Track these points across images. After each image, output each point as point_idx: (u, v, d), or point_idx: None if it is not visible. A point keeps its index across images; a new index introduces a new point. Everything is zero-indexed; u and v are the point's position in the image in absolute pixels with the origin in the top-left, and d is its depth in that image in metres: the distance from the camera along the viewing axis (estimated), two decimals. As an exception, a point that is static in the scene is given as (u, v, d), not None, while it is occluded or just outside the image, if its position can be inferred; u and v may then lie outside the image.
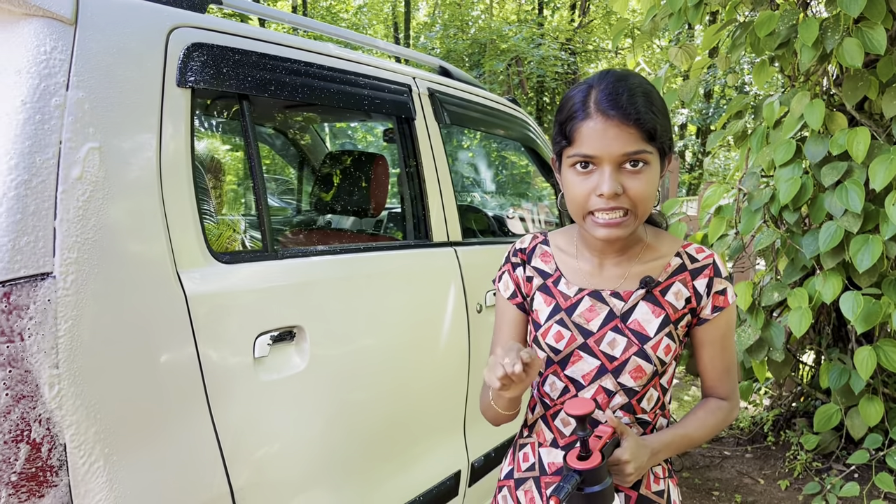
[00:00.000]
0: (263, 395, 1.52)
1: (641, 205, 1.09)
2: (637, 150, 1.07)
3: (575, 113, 1.10)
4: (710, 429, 1.21)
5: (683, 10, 3.21)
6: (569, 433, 1.22)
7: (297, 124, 3.12)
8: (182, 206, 1.40)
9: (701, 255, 1.20)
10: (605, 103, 1.07)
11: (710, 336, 1.21)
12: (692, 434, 1.20)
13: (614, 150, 1.06)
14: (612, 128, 1.06)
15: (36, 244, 1.16)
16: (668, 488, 1.24)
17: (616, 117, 1.06)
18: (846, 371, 3.11)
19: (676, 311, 1.18)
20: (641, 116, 1.06)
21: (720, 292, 1.18)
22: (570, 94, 1.13)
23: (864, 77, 2.96)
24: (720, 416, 1.23)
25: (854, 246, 2.75)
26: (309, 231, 2.76)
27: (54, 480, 1.17)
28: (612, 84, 1.09)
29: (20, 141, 1.16)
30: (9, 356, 1.12)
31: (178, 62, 1.44)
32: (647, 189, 1.09)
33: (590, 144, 1.07)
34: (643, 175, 1.08)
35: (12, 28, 1.23)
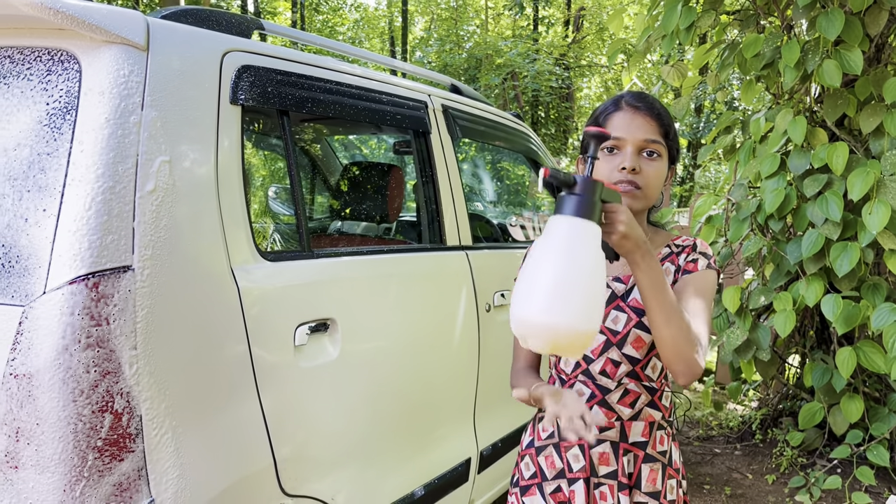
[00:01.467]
0: (302, 380, 1.70)
1: (652, 185, 1.33)
2: (655, 139, 1.33)
3: (608, 108, 1.39)
4: (680, 318, 1.20)
5: (675, 31, 3.42)
6: (585, 401, 1.40)
7: (325, 138, 3.32)
8: (234, 210, 1.59)
9: (685, 241, 1.42)
10: (634, 100, 1.36)
11: (681, 290, 1.33)
12: (672, 297, 1.20)
13: (638, 135, 1.33)
14: (638, 117, 1.34)
15: (119, 242, 1.34)
16: (671, 449, 1.44)
17: (643, 109, 1.34)
18: (828, 371, 3.31)
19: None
20: (661, 114, 1.35)
21: (692, 261, 1.36)
22: (604, 103, 1.42)
23: (843, 95, 3.17)
24: (692, 334, 1.22)
25: (834, 252, 2.96)
26: (337, 235, 2.95)
27: (132, 447, 1.34)
28: (638, 92, 1.39)
29: (105, 153, 1.34)
30: (98, 337, 1.29)
31: (231, 82, 1.63)
32: (657, 175, 1.34)
33: (619, 129, 1.34)
34: (655, 163, 1.34)
35: (95, 54, 1.41)
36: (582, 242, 1.08)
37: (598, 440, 1.39)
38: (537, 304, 1.06)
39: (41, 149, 1.36)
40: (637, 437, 1.39)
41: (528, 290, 1.08)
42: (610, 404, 1.39)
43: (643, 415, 1.39)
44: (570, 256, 1.07)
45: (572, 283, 1.05)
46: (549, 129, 15.77)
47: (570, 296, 1.05)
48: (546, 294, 1.06)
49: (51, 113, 1.38)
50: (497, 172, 7.88)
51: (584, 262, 1.07)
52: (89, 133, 1.35)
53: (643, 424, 1.39)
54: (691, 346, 1.21)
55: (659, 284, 1.18)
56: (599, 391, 1.39)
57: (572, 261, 1.06)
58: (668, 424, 1.44)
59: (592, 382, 1.39)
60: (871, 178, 2.84)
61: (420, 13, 18.88)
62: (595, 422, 1.25)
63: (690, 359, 1.21)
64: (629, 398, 1.38)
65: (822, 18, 2.90)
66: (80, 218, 1.30)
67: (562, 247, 1.07)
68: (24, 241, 1.32)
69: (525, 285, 1.09)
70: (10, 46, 1.45)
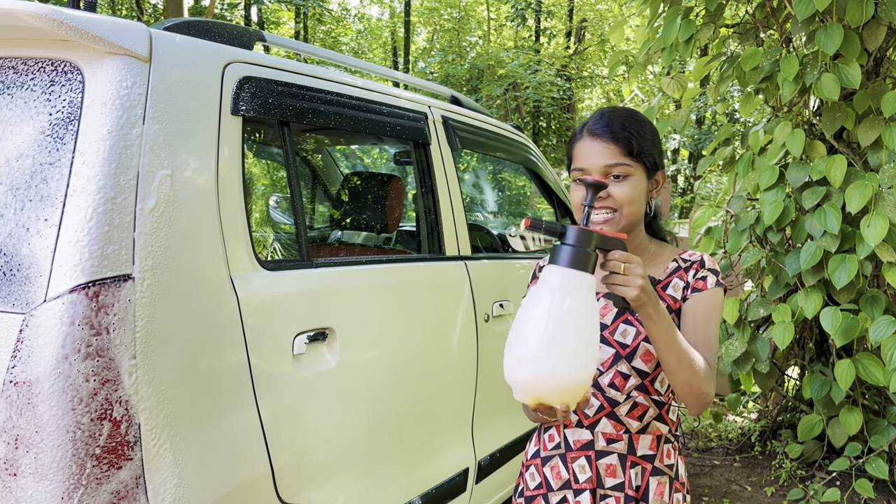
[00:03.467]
0: (301, 389, 1.70)
1: (626, 205, 1.33)
2: (616, 163, 1.34)
3: (575, 136, 1.41)
4: (690, 358, 1.24)
5: (675, 44, 3.45)
6: (592, 414, 1.41)
7: (325, 148, 3.35)
8: (234, 219, 1.60)
9: (693, 256, 1.42)
10: (595, 126, 1.37)
11: (690, 311, 1.36)
12: (682, 343, 1.24)
13: (599, 161, 1.34)
14: (596, 144, 1.35)
15: (119, 252, 1.35)
16: (678, 463, 1.44)
17: (600, 135, 1.35)
18: (827, 383, 3.31)
19: (676, 301, 1.38)
20: (618, 135, 1.34)
21: (701, 278, 1.38)
22: (575, 131, 1.43)
23: (841, 109, 3.19)
24: (700, 364, 1.26)
25: (832, 264, 2.97)
26: (336, 244, 2.97)
27: (130, 455, 1.35)
28: (602, 113, 1.39)
29: (107, 164, 1.36)
30: (97, 347, 1.30)
31: (232, 93, 1.64)
32: (630, 193, 1.33)
33: (581, 159, 1.37)
34: (625, 183, 1.34)
35: (98, 65, 1.43)
36: (572, 294, 1.09)
37: (606, 452, 1.40)
38: (525, 355, 1.08)
39: (44, 159, 1.38)
40: (645, 451, 1.40)
41: (518, 341, 1.10)
42: (619, 417, 1.39)
43: (651, 428, 1.40)
44: (559, 308, 1.08)
45: (560, 336, 1.07)
46: (551, 139, 15.82)
47: (556, 348, 1.07)
48: (533, 346, 1.07)
49: (54, 123, 1.40)
50: (497, 183, 7.91)
51: (573, 314, 1.08)
52: (91, 144, 1.36)
53: (651, 438, 1.40)
54: (702, 379, 1.26)
55: (670, 332, 1.23)
56: (608, 403, 1.40)
57: (561, 313, 1.07)
58: (674, 438, 1.44)
59: (602, 395, 1.40)
60: (869, 190, 2.85)
61: (423, 24, 18.98)
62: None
63: (701, 392, 1.27)
64: (637, 411, 1.39)
65: (821, 33, 2.92)
66: (82, 228, 1.31)
67: (551, 298, 1.09)
68: (25, 250, 1.33)
69: (516, 336, 1.11)
70: (15, 57, 1.47)
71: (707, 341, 1.33)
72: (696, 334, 1.34)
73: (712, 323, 1.35)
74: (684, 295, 1.38)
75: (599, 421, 1.41)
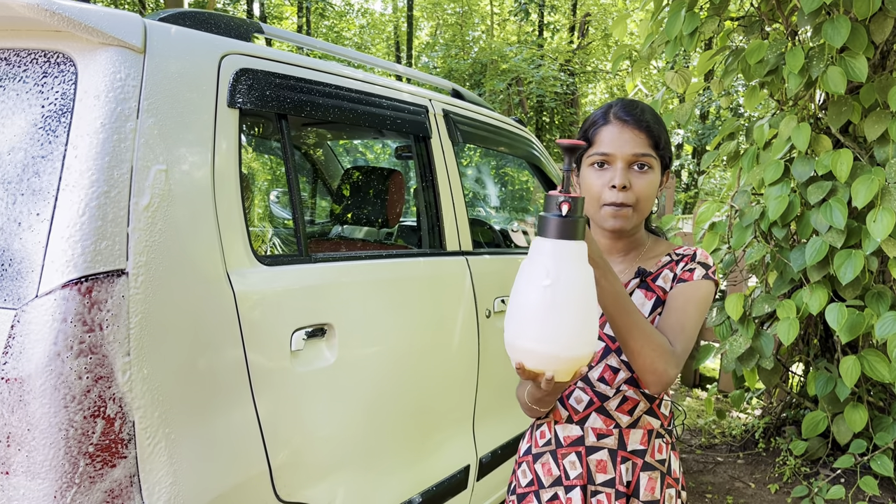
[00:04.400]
0: (298, 385, 1.68)
1: (643, 201, 1.31)
2: (645, 153, 1.30)
3: (597, 120, 1.35)
4: (644, 333, 1.19)
5: (679, 37, 3.41)
6: (582, 409, 1.39)
7: (324, 142, 3.31)
8: (231, 214, 1.58)
9: (685, 250, 1.39)
10: (623, 112, 1.32)
11: (671, 299, 1.32)
12: (634, 310, 1.19)
13: (627, 150, 1.30)
14: (626, 132, 1.30)
15: (113, 247, 1.32)
16: (670, 458, 1.41)
17: (630, 123, 1.31)
18: (832, 379, 3.28)
19: (665, 293, 1.36)
20: (651, 126, 1.31)
21: (688, 270, 1.34)
22: (594, 113, 1.38)
23: (847, 102, 3.15)
24: (657, 343, 1.20)
25: (838, 260, 2.93)
26: (336, 239, 2.94)
27: (124, 453, 1.33)
28: (628, 101, 1.35)
29: (100, 158, 1.33)
30: (90, 344, 1.28)
31: (229, 85, 1.61)
32: (649, 189, 1.31)
33: (607, 145, 1.31)
34: (647, 177, 1.31)
35: (91, 56, 1.40)
36: (567, 264, 1.05)
37: (596, 447, 1.37)
38: (527, 332, 1.06)
39: (36, 152, 1.35)
40: (636, 446, 1.37)
41: (518, 316, 1.07)
42: (608, 411, 1.37)
43: (642, 422, 1.38)
44: (556, 281, 1.04)
45: (560, 314, 1.04)
46: (554, 134, 15.77)
47: (558, 326, 1.04)
48: (535, 326, 1.05)
49: (46, 116, 1.37)
50: (500, 178, 7.88)
51: (571, 285, 1.05)
52: (84, 137, 1.34)
53: (642, 432, 1.38)
54: (657, 355, 1.20)
55: (618, 300, 1.17)
56: (598, 398, 1.37)
57: (558, 285, 1.04)
58: (666, 433, 1.42)
59: (591, 389, 1.38)
60: (875, 185, 2.81)
61: (426, 19, 18.92)
62: None
63: (656, 369, 1.20)
64: (627, 405, 1.37)
65: (828, 25, 2.88)
66: (74, 223, 1.29)
67: (547, 271, 1.05)
68: (17, 245, 1.31)
69: (515, 311, 1.09)
70: (7, 48, 1.45)
71: (679, 327, 1.27)
72: (667, 318, 1.29)
73: (690, 312, 1.29)
74: (671, 286, 1.35)
75: (589, 416, 1.38)
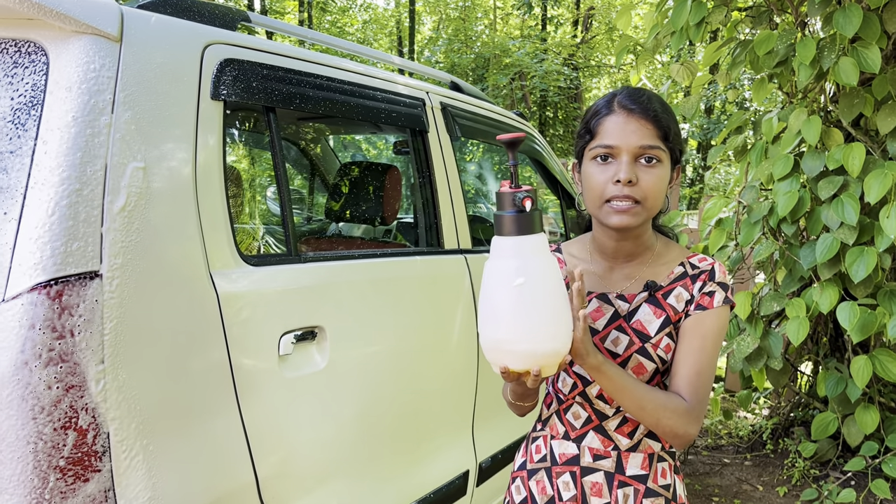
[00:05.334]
0: (287, 392, 1.60)
1: (651, 197, 1.19)
2: (652, 145, 1.18)
3: (600, 110, 1.24)
4: (656, 405, 1.14)
5: (685, 28, 3.32)
6: (580, 426, 1.30)
7: (317, 136, 3.23)
8: (214, 212, 1.49)
9: (703, 263, 1.27)
10: (628, 101, 1.21)
11: (688, 332, 1.22)
12: (639, 391, 1.15)
13: (633, 141, 1.18)
14: (632, 122, 1.19)
15: (85, 249, 1.24)
16: (675, 482, 1.32)
17: (637, 112, 1.19)
18: (843, 380, 3.19)
19: (677, 313, 1.25)
20: (658, 115, 1.19)
21: (708, 293, 1.23)
22: (596, 102, 1.27)
23: (859, 95, 3.05)
24: (672, 408, 1.15)
25: (850, 257, 2.84)
26: (328, 238, 2.86)
27: (98, 466, 1.25)
28: (633, 90, 1.23)
29: (72, 154, 1.25)
30: (60, 351, 1.20)
31: (212, 76, 1.53)
32: (658, 184, 1.19)
33: (612, 136, 1.19)
34: (655, 170, 1.19)
35: (63, 45, 1.32)
36: (535, 259, 1.06)
37: (592, 469, 1.29)
38: (507, 334, 1.06)
39: (3, 147, 1.27)
40: (636, 470, 1.28)
41: (494, 319, 1.07)
42: (607, 431, 1.28)
43: (642, 446, 1.28)
44: (528, 278, 1.05)
45: (529, 311, 1.05)
46: (558, 129, 15.66)
47: (527, 324, 1.05)
48: (505, 326, 1.06)
49: (15, 109, 1.30)
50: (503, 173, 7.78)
51: (542, 279, 1.05)
52: (55, 132, 1.26)
53: (642, 456, 1.28)
54: (676, 420, 1.16)
55: (623, 389, 1.16)
56: (596, 416, 1.29)
57: (531, 282, 1.04)
58: (669, 456, 1.32)
59: (589, 406, 1.29)
60: (888, 180, 2.72)
61: (428, 13, 18.81)
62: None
63: (676, 434, 1.17)
64: (628, 427, 1.28)
65: (839, 14, 2.79)
66: (43, 223, 1.21)
67: (517, 269, 1.05)
68: (-18, 246, 1.23)
69: (490, 315, 1.08)
70: (-25, 38, 1.37)
71: (698, 373, 1.20)
72: (684, 361, 1.21)
73: (708, 349, 1.21)
74: (686, 309, 1.24)
75: (586, 434, 1.30)
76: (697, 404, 1.18)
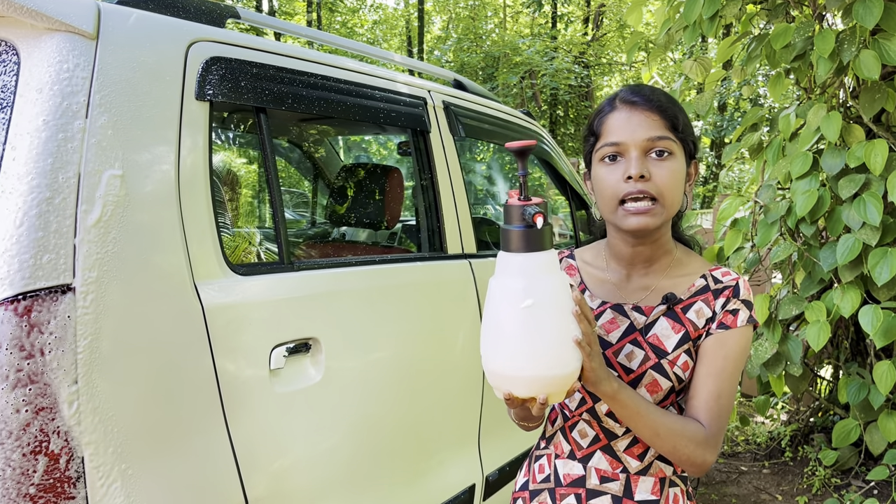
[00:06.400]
0: (279, 407, 1.52)
1: (668, 192, 1.10)
2: (661, 136, 1.11)
3: (602, 109, 1.18)
4: (672, 432, 1.08)
5: (698, 22, 3.21)
6: (586, 445, 1.21)
7: (312, 137, 3.14)
8: (199, 219, 1.41)
9: (727, 277, 1.18)
10: (630, 95, 1.14)
11: (709, 353, 1.14)
12: (655, 417, 1.07)
13: (639, 135, 1.10)
14: (636, 115, 1.12)
15: (57, 261, 1.17)
16: None
17: (640, 104, 1.12)
18: (865, 386, 3.07)
19: (697, 329, 1.16)
20: (663, 104, 1.12)
21: (732, 311, 1.14)
22: (600, 104, 1.21)
23: (881, 89, 2.93)
24: (689, 436, 1.08)
25: (872, 259, 2.73)
26: (324, 243, 2.77)
27: (72, 492, 1.17)
28: (635, 85, 1.17)
29: (42, 160, 1.17)
30: (30, 372, 1.12)
31: (197, 76, 1.45)
32: (673, 178, 1.11)
33: (617, 132, 1.12)
34: (668, 163, 1.11)
35: (35, 43, 1.24)
36: (544, 279, 0.97)
37: (598, 492, 1.19)
38: (513, 359, 0.98)
39: (-30, 152, 1.20)
40: (646, 495, 1.18)
41: (499, 343, 0.99)
42: (615, 452, 1.19)
43: (653, 469, 1.19)
44: (537, 300, 0.96)
45: (546, 329, 0.96)
46: (569, 128, 15.53)
47: (548, 343, 0.97)
48: (521, 347, 0.97)
49: (-17, 112, 1.22)
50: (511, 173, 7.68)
51: (551, 301, 0.97)
52: (24, 137, 1.18)
53: (653, 480, 1.19)
54: (694, 448, 1.09)
55: (638, 415, 1.07)
56: (605, 435, 1.19)
57: (540, 304, 0.96)
58: (681, 481, 1.22)
59: (598, 424, 1.20)
60: (913, 178, 2.60)
61: (438, 12, 18.72)
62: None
63: (693, 462, 1.09)
64: (638, 448, 1.18)
65: (859, 5, 2.66)
66: (11, 235, 1.13)
67: (525, 290, 0.96)
68: (-55, 259, 1.15)
69: (494, 338, 1.00)
70: (-57, 37, 1.29)
71: (717, 397, 1.12)
72: (703, 383, 1.13)
73: (730, 373, 1.13)
74: (708, 328, 1.15)
75: (593, 454, 1.20)
76: (717, 431, 1.10)
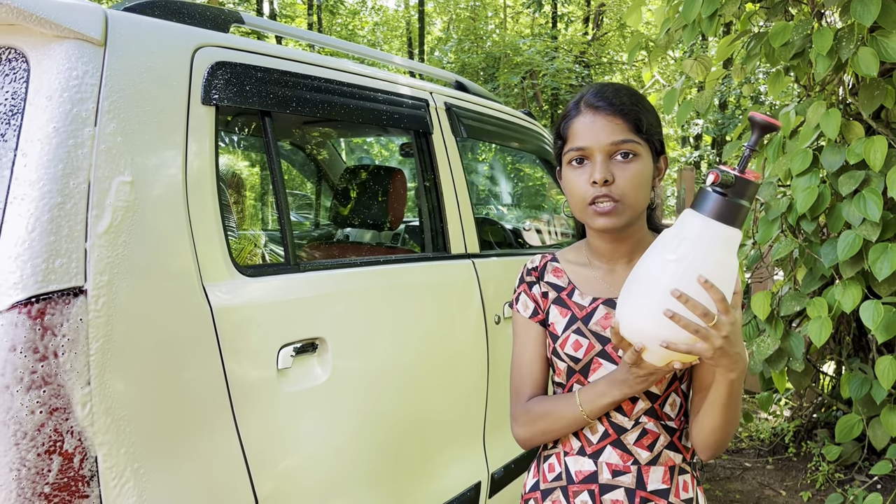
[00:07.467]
0: (287, 407, 1.54)
1: (631, 193, 1.14)
2: (624, 139, 1.14)
3: (568, 112, 1.21)
4: (736, 421, 1.15)
5: (697, 21, 3.23)
6: (596, 441, 1.23)
7: (316, 139, 3.16)
8: (207, 221, 1.43)
9: None
10: (593, 98, 1.17)
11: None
12: (739, 402, 1.14)
13: (603, 139, 1.14)
14: (599, 119, 1.15)
15: (69, 266, 1.19)
16: (697, 496, 1.25)
17: (603, 108, 1.15)
18: (867, 381, 3.08)
19: None
20: (626, 107, 1.15)
21: None
22: (567, 106, 1.24)
23: (880, 86, 2.95)
24: (736, 424, 1.16)
25: (873, 255, 2.74)
26: (329, 244, 2.79)
27: (86, 491, 1.20)
28: (600, 85, 1.20)
29: (53, 166, 1.20)
30: (44, 374, 1.15)
31: (203, 81, 1.47)
32: (637, 179, 1.15)
33: (581, 137, 1.16)
34: (633, 166, 1.15)
35: (44, 51, 1.27)
36: (707, 247, 0.98)
37: (611, 486, 1.21)
38: (657, 316, 0.99)
39: (-18, 159, 1.22)
40: (657, 485, 1.21)
41: (641, 292, 1.01)
42: (625, 445, 1.21)
43: (662, 458, 1.21)
44: (690, 267, 0.97)
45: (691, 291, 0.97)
46: (570, 127, 15.48)
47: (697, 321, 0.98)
48: (656, 307, 0.99)
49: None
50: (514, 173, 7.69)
51: (701, 269, 0.97)
52: (35, 143, 1.21)
53: (663, 469, 1.21)
54: (730, 438, 1.16)
55: (739, 396, 1.10)
56: (614, 430, 1.21)
57: (692, 273, 0.97)
58: (690, 468, 1.25)
59: (607, 419, 1.22)
60: (913, 174, 2.62)
61: (438, 14, 18.73)
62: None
63: (722, 449, 1.18)
64: (647, 439, 1.20)
65: (857, 3, 2.68)
66: (23, 240, 1.15)
67: (692, 253, 0.98)
68: (-40, 264, 1.18)
69: (639, 285, 1.02)
70: (-46, 46, 1.31)
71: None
72: (707, 372, 1.19)
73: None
74: None
75: (604, 450, 1.22)
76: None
